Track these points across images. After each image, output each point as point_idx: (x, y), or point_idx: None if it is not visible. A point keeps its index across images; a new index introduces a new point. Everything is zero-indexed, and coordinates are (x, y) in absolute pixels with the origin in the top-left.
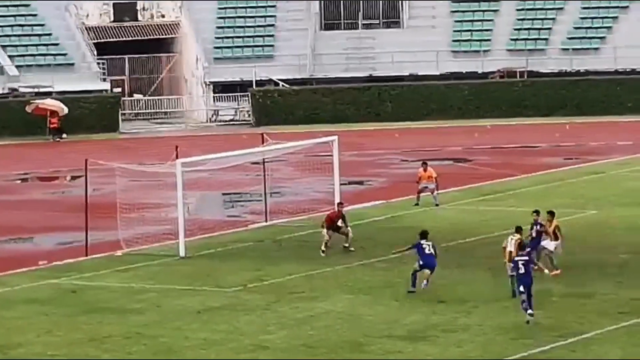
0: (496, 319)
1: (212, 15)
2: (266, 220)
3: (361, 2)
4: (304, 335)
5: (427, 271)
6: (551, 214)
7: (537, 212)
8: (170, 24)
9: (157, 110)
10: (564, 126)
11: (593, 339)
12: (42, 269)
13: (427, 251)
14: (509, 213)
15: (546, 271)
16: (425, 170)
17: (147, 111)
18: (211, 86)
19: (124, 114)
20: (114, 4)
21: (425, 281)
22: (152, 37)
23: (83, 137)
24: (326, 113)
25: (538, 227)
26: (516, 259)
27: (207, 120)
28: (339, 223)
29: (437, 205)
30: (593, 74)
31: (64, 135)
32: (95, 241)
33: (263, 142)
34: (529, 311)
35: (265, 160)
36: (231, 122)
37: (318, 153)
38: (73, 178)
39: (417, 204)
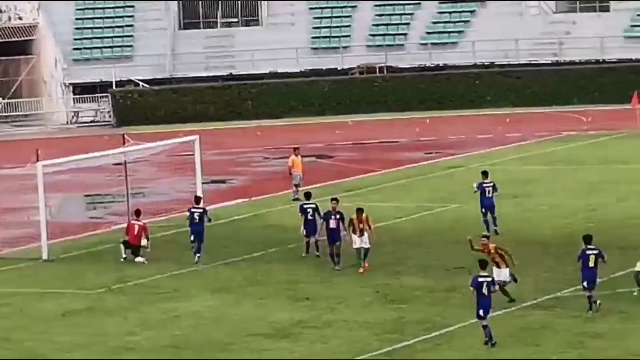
0: (360, 315)
1: (70, 17)
2: (129, 221)
3: (220, 0)
4: (169, 336)
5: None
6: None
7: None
8: (28, 26)
9: (17, 113)
10: (424, 121)
11: (457, 332)
12: None
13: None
14: (371, 208)
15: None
16: (297, 155)
17: (6, 114)
18: (71, 87)
19: None
20: None
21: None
22: (9, 39)
23: None
24: (187, 112)
25: (338, 216)
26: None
27: (67, 122)
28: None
29: (298, 199)
30: (452, 68)
31: None
32: None
33: (124, 143)
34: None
35: (127, 161)
36: (92, 124)
37: (180, 153)
38: None
39: (297, 199)
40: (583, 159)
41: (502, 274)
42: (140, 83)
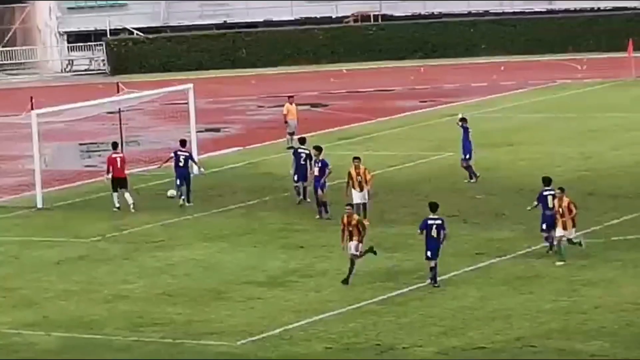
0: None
1: None
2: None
3: None
4: (163, 284)
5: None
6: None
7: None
8: None
9: (11, 62)
10: (418, 69)
11: (450, 280)
12: None
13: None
14: (366, 157)
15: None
16: (291, 103)
17: (1, 62)
18: (65, 36)
19: None
20: None
21: None
22: None
23: None
24: (181, 61)
25: (319, 164)
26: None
27: (61, 71)
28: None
29: (292, 148)
30: (447, 16)
31: None
32: None
33: (118, 92)
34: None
35: (121, 109)
36: (86, 72)
37: (174, 101)
38: None
39: (291, 147)
40: (578, 107)
41: (352, 245)
42: (135, 31)
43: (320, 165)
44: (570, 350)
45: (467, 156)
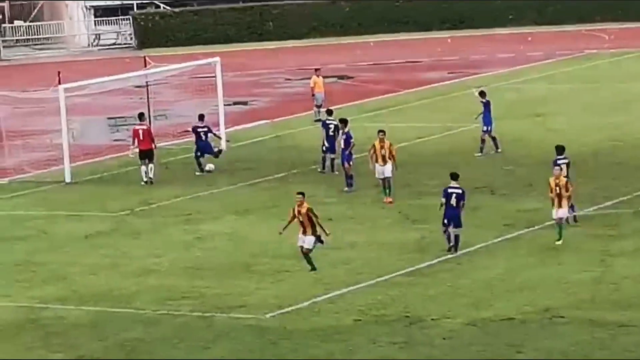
0: (382, 236)
1: None
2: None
3: None
4: (192, 257)
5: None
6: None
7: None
8: None
9: (38, 36)
10: (445, 40)
11: (479, 251)
12: None
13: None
14: (393, 129)
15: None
16: (318, 76)
17: (27, 37)
18: (92, 10)
19: (5, 40)
20: None
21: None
22: None
23: None
24: (208, 34)
25: (344, 137)
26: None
27: (88, 45)
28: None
29: (320, 120)
30: None
31: None
32: None
33: (146, 65)
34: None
35: (149, 83)
36: (113, 46)
37: (201, 75)
38: None
39: (319, 120)
40: (605, 77)
41: (306, 240)
42: (162, 5)
43: (345, 137)
44: (600, 320)
45: (488, 128)
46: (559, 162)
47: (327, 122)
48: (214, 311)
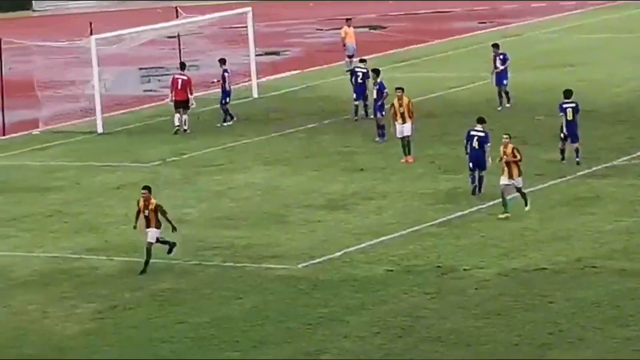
0: (414, 185)
1: None
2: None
3: None
4: (224, 208)
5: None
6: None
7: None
8: None
9: None
10: None
11: (511, 201)
12: None
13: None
14: (424, 79)
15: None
16: (349, 26)
17: None
18: None
19: None
20: None
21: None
22: None
23: None
24: None
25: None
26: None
27: None
28: None
29: (350, 70)
30: None
31: None
32: (12, 121)
33: (177, 16)
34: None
35: (180, 34)
36: None
37: (233, 25)
38: None
39: (350, 70)
40: (638, 27)
41: (149, 233)
42: None
43: (377, 87)
44: (632, 270)
45: (505, 82)
46: (564, 105)
47: (356, 69)
48: (246, 261)
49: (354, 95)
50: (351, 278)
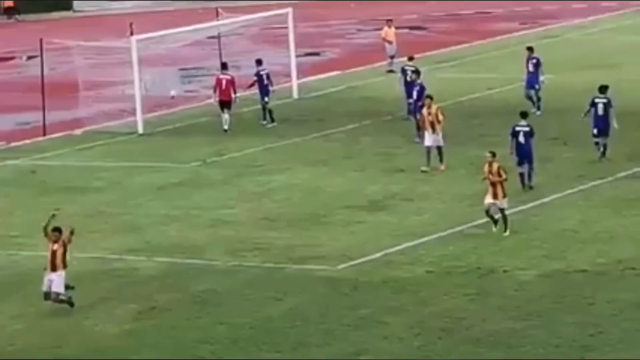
0: (454, 186)
1: None
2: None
3: None
4: (264, 208)
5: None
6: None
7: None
8: None
9: None
10: None
11: (552, 203)
12: (1, 150)
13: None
14: (464, 80)
15: None
16: (390, 27)
17: None
18: None
19: None
20: None
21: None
22: None
23: (38, 16)
24: None
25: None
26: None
27: None
28: None
29: (392, 71)
30: None
31: (18, 16)
32: (53, 121)
33: (218, 16)
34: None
35: (221, 34)
36: None
37: (273, 25)
38: (29, 58)
39: (391, 70)
40: None
41: (54, 278)
42: None
43: (418, 88)
44: None
45: (537, 87)
46: (596, 100)
47: (405, 67)
48: (286, 262)
49: (405, 95)
50: (391, 279)
